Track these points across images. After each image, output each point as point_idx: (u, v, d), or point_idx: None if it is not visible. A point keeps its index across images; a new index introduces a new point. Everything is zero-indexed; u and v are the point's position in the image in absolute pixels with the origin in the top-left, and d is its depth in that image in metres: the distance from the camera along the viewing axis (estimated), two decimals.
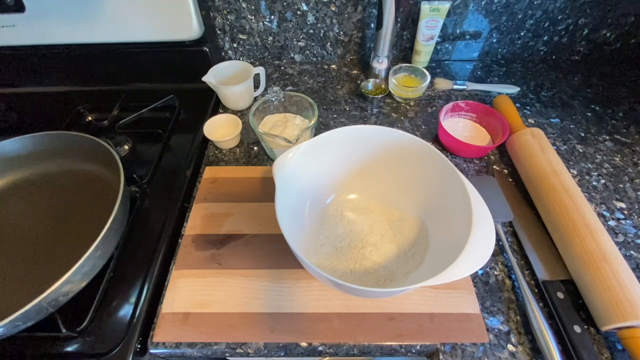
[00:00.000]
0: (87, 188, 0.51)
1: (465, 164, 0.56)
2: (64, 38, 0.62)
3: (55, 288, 0.34)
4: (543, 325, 0.37)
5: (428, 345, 0.38)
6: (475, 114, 0.60)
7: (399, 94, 0.66)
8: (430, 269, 0.37)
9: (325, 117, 0.65)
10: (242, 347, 0.38)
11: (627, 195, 0.52)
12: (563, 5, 0.68)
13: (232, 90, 0.62)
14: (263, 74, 0.66)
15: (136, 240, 0.46)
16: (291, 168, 0.41)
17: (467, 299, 0.41)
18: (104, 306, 0.40)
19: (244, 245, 0.46)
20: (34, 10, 0.58)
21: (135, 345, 0.37)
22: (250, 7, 0.68)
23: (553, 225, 0.45)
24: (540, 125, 0.62)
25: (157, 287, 0.43)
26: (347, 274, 0.41)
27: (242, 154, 0.59)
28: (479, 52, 0.77)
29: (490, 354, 0.37)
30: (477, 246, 0.32)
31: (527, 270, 0.44)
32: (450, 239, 0.37)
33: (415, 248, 0.43)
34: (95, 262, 0.39)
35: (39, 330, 0.37)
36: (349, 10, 0.69)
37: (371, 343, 0.38)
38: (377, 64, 0.68)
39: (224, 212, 0.49)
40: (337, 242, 0.44)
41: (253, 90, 0.66)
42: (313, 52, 0.76)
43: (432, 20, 0.67)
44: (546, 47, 0.76)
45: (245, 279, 0.43)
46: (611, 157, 0.57)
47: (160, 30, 0.61)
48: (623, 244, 0.46)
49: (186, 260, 0.45)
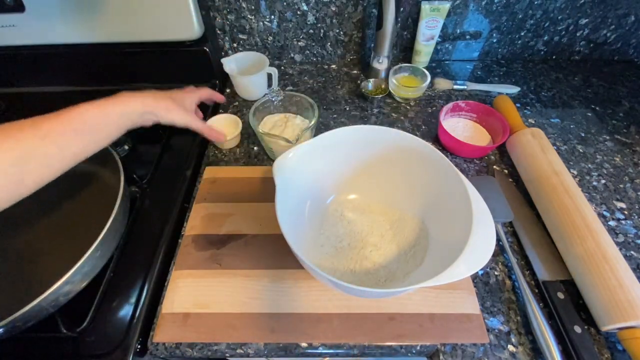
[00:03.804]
0: (87, 188, 0.51)
1: (465, 164, 0.56)
2: (64, 38, 0.62)
3: (55, 288, 0.34)
4: (543, 325, 0.37)
5: (428, 346, 0.38)
6: (476, 114, 0.60)
7: (399, 94, 0.66)
8: (431, 269, 0.37)
9: (325, 117, 0.65)
10: (242, 348, 0.38)
11: (627, 195, 0.52)
12: (563, 5, 0.68)
13: (249, 79, 0.64)
14: (275, 74, 0.66)
15: (136, 240, 0.46)
16: (291, 168, 0.41)
17: (467, 299, 0.41)
18: (104, 306, 0.40)
19: (244, 245, 0.46)
20: (34, 10, 0.58)
21: (135, 345, 0.37)
22: (250, 7, 0.68)
23: (553, 225, 0.45)
24: (541, 125, 0.62)
25: (157, 287, 0.43)
26: (347, 274, 0.41)
27: (242, 154, 0.59)
28: (479, 52, 0.77)
29: (491, 354, 0.37)
30: (477, 246, 0.32)
31: (527, 271, 0.44)
32: (451, 239, 0.37)
33: (415, 248, 0.43)
34: (95, 262, 0.39)
35: (39, 330, 0.37)
36: (349, 10, 0.69)
37: (371, 343, 0.38)
38: (377, 64, 0.68)
39: (224, 212, 0.49)
40: (337, 242, 0.44)
41: (267, 80, 0.67)
42: (313, 52, 0.76)
43: (432, 20, 0.67)
44: (546, 47, 0.75)
45: (245, 279, 0.43)
46: (611, 157, 0.57)
47: (160, 30, 0.61)
48: (623, 244, 0.46)
49: (186, 260, 0.45)
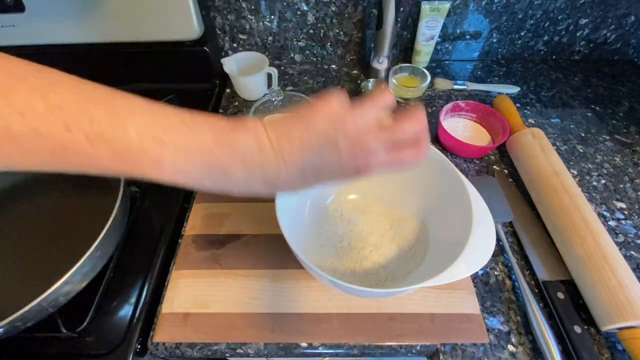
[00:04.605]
0: (87, 188, 0.51)
1: (465, 164, 0.56)
2: (64, 38, 0.62)
3: (55, 288, 0.34)
4: (543, 325, 0.37)
5: (428, 346, 0.38)
6: (476, 114, 0.60)
7: (399, 94, 0.66)
8: (431, 269, 0.37)
9: None
10: (242, 348, 0.38)
11: (627, 195, 0.52)
12: (563, 5, 0.68)
13: (249, 79, 0.64)
14: (275, 74, 0.66)
15: (136, 240, 0.46)
16: None
17: (467, 299, 0.41)
18: (104, 306, 0.40)
19: (244, 245, 0.46)
20: (34, 10, 0.58)
21: (135, 345, 0.37)
22: (250, 7, 0.68)
23: (553, 225, 0.45)
24: (541, 125, 0.62)
25: (157, 287, 0.43)
26: (348, 274, 0.41)
27: None
28: (479, 52, 0.77)
29: (491, 354, 0.37)
30: (477, 246, 0.32)
31: (527, 271, 0.44)
32: (451, 239, 0.37)
33: (415, 248, 0.43)
34: (95, 262, 0.39)
35: (39, 330, 0.37)
36: (349, 10, 0.69)
37: (371, 343, 0.38)
38: (377, 64, 0.68)
39: (224, 212, 0.49)
40: (337, 242, 0.44)
41: (267, 80, 0.67)
42: (313, 52, 0.76)
43: (432, 20, 0.67)
44: (546, 47, 0.75)
45: (245, 279, 0.43)
46: (611, 157, 0.57)
47: (160, 30, 0.61)
48: (623, 244, 0.46)
49: (186, 260, 0.45)
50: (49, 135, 0.19)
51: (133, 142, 0.20)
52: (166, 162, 0.21)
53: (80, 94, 0.20)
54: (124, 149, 0.20)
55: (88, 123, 0.19)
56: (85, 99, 0.20)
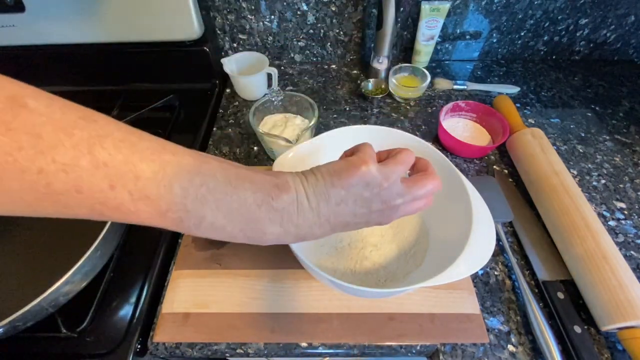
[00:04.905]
0: None
1: (465, 164, 0.56)
2: (65, 38, 0.62)
3: (55, 288, 0.34)
4: (543, 325, 0.37)
5: (428, 346, 0.38)
6: (476, 114, 0.60)
7: (399, 94, 0.66)
8: (431, 269, 0.37)
9: (325, 117, 0.65)
10: (242, 348, 0.38)
11: (627, 195, 0.52)
12: (563, 5, 0.68)
13: (249, 79, 0.64)
14: (275, 74, 0.66)
15: (136, 240, 0.46)
16: (291, 168, 0.40)
17: (467, 299, 0.41)
18: (104, 306, 0.40)
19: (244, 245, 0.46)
20: (34, 10, 0.58)
21: (135, 345, 0.37)
22: (250, 7, 0.68)
23: (553, 225, 0.45)
24: (541, 125, 0.62)
25: (157, 287, 0.43)
26: (348, 274, 0.41)
27: (242, 154, 0.59)
28: (479, 52, 0.77)
29: (491, 354, 0.37)
30: (477, 246, 0.33)
31: (527, 271, 0.44)
32: (451, 239, 0.37)
33: (415, 248, 0.43)
34: (95, 262, 0.39)
35: (39, 330, 0.37)
36: (349, 10, 0.69)
37: (371, 343, 0.38)
38: (377, 64, 0.68)
39: None
40: (337, 242, 0.44)
41: (267, 80, 0.67)
42: (313, 52, 0.76)
43: (432, 20, 0.67)
44: (546, 47, 0.75)
45: (245, 279, 0.43)
46: (611, 157, 0.57)
47: (160, 30, 0.61)
48: (623, 244, 0.46)
49: (186, 260, 0.45)
50: (90, 193, 0.18)
51: (177, 202, 0.20)
52: (206, 220, 0.21)
53: (128, 148, 0.19)
54: (167, 208, 0.20)
55: (133, 181, 0.19)
56: (132, 153, 0.19)
